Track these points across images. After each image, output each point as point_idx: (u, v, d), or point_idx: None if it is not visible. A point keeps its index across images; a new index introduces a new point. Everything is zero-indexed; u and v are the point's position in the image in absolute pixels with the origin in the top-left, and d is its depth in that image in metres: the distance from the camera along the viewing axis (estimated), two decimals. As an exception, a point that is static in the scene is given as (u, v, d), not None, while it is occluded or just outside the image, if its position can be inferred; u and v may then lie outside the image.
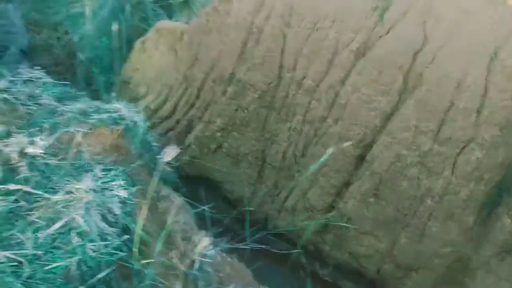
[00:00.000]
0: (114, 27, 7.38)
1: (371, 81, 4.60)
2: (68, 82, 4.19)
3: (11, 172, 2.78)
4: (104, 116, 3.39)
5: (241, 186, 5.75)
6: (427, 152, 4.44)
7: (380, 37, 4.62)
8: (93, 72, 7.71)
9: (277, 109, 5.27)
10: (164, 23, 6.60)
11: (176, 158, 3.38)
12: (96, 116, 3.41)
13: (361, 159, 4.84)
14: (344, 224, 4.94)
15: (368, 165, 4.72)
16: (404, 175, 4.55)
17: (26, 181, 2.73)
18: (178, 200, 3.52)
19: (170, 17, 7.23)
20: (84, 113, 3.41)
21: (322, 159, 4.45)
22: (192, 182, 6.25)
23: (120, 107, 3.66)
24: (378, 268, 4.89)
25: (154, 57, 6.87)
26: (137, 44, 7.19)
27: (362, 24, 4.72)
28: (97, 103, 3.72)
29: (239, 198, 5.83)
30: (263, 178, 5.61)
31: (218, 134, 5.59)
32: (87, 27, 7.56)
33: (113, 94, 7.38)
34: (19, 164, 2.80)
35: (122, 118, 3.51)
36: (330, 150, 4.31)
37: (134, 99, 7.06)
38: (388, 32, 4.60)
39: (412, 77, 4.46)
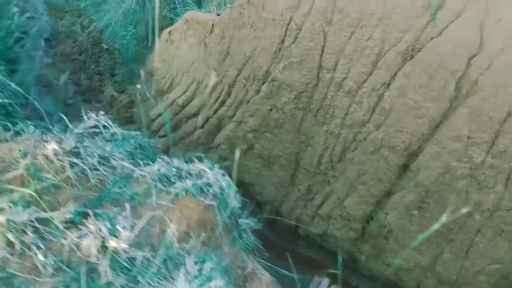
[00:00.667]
0: (140, 16, 7.11)
1: (420, 86, 4.27)
2: (138, 133, 3.63)
3: (91, 273, 2.27)
4: (188, 182, 2.94)
5: (272, 189, 5.51)
6: (479, 165, 4.12)
7: (432, 38, 4.26)
8: (117, 62, 7.45)
9: (314, 111, 4.97)
10: (194, 14, 6.29)
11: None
12: (178, 183, 2.95)
13: (404, 168, 4.54)
14: (384, 236, 4.67)
15: (412, 175, 4.43)
16: (453, 188, 4.25)
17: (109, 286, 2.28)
18: (266, 277, 3.04)
19: (199, 7, 6.89)
20: (165, 179, 2.99)
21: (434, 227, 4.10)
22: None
23: (203, 168, 3.15)
24: (418, 283, 4.64)
25: (181, 49, 6.59)
26: (164, 35, 6.91)
27: (411, 23, 4.36)
28: (176, 162, 3.23)
29: (269, 201, 5.60)
30: (295, 181, 5.36)
31: (250, 135, 5.32)
32: (112, 15, 7.26)
33: (138, 86, 7.16)
34: (100, 262, 2.29)
35: (207, 184, 3.05)
36: (443, 218, 3.98)
37: (159, 92, 6.83)
38: (440, 34, 4.24)
39: (466, 83, 4.12)
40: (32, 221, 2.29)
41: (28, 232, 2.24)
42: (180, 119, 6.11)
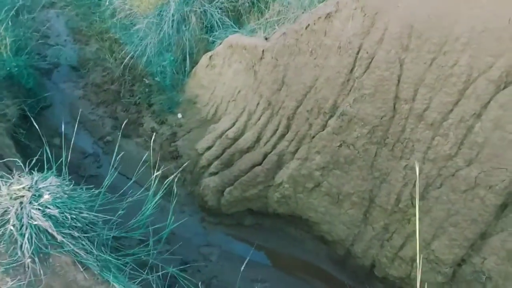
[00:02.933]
0: (175, 39, 6.66)
1: (521, 118, 3.76)
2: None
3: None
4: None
5: (342, 228, 5.07)
6: None
7: (532, 63, 3.75)
8: (153, 90, 7.01)
9: (390, 145, 4.49)
10: (238, 38, 5.82)
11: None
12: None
13: (503, 207, 4.05)
14: (481, 282, 4.20)
15: (514, 216, 3.94)
16: None
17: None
18: None
19: (238, 26, 6.41)
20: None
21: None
22: (281, 221, 5.61)
23: None
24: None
25: (225, 75, 6.13)
26: (204, 59, 6.47)
27: (505, 47, 3.84)
28: None
29: (340, 240, 5.16)
30: (369, 220, 4.90)
31: (317, 173, 4.87)
32: (143, 38, 6.81)
33: (179, 115, 6.74)
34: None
35: None
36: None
37: (202, 121, 6.39)
38: (543, 58, 3.72)
39: None
40: None
41: None
42: (233, 154, 5.67)
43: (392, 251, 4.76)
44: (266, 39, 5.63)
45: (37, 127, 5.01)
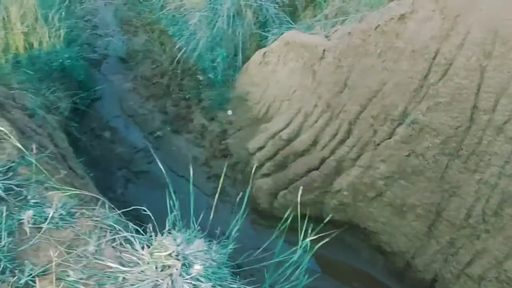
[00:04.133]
0: (228, 33, 6.48)
1: None
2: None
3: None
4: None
5: (404, 240, 4.83)
6: None
7: None
8: (202, 85, 6.87)
9: (464, 157, 4.21)
10: (296, 35, 5.58)
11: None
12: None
13: None
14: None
15: None
16: None
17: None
18: None
19: (294, 21, 6.16)
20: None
21: None
22: (337, 227, 5.40)
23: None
24: None
25: (280, 73, 5.92)
26: (257, 56, 6.26)
27: None
28: None
29: (400, 252, 4.92)
30: (434, 233, 4.65)
31: (381, 182, 4.63)
32: (194, 31, 6.65)
33: (229, 112, 6.58)
34: None
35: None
36: None
37: (253, 120, 6.21)
38: None
39: None
40: None
41: None
42: (286, 156, 5.48)
43: (458, 267, 4.51)
44: (327, 37, 5.38)
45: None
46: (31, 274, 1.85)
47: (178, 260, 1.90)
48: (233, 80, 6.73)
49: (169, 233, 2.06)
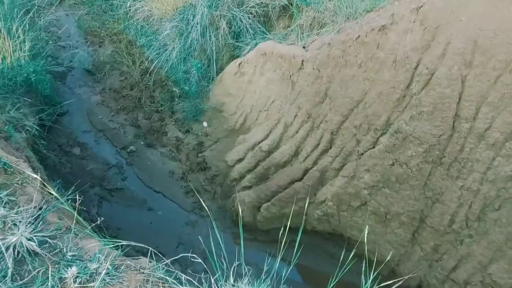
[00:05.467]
0: (201, 43, 6.37)
1: None
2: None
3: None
4: None
5: (388, 247, 4.87)
6: None
7: None
8: (175, 96, 6.72)
9: (446, 164, 4.30)
10: (272, 46, 5.55)
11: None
12: None
13: None
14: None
15: None
16: None
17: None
18: None
19: (268, 32, 6.13)
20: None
21: None
22: (318, 237, 5.40)
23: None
24: None
25: (256, 84, 5.87)
26: (232, 66, 6.18)
27: None
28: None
29: (384, 259, 4.94)
30: (418, 240, 4.72)
31: (365, 191, 4.65)
32: (168, 44, 6.50)
33: (204, 124, 6.47)
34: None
35: None
36: None
37: (230, 131, 6.12)
38: None
39: None
40: None
41: None
42: (268, 167, 5.42)
43: (443, 273, 4.58)
44: (304, 48, 5.37)
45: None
46: None
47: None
48: (207, 91, 6.61)
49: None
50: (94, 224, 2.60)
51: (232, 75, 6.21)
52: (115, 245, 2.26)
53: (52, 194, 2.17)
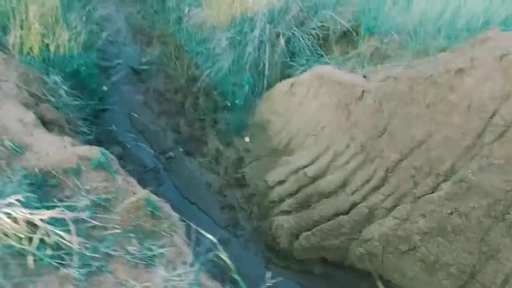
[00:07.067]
0: (253, 58, 6.24)
1: None
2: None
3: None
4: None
5: (430, 297, 4.63)
6: None
7: None
8: (219, 107, 6.59)
9: (509, 221, 4.07)
10: (331, 71, 5.40)
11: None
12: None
13: None
14: None
15: None
16: None
17: None
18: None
19: (326, 56, 5.99)
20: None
21: None
22: (355, 275, 5.18)
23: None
24: None
25: (307, 106, 5.71)
26: (284, 85, 6.04)
27: None
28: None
29: (424, 309, 4.71)
30: (464, 294, 4.46)
31: (417, 237, 4.44)
32: (220, 54, 6.38)
33: (246, 139, 6.31)
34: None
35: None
36: None
37: (273, 150, 5.96)
38: None
39: None
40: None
41: None
42: (311, 194, 5.24)
43: (488, 334, 4.32)
44: (365, 77, 5.21)
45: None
46: None
47: None
48: (253, 106, 6.47)
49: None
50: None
51: (282, 94, 6.07)
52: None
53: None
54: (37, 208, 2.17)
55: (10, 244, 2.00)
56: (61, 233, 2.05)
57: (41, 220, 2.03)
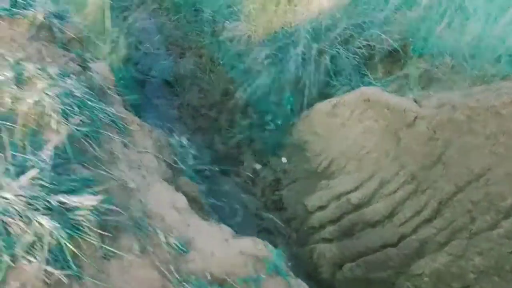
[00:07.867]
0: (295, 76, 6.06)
1: None
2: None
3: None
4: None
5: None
6: None
7: None
8: (255, 124, 6.40)
9: None
10: (378, 94, 5.19)
11: None
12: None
13: None
14: None
15: None
16: None
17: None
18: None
19: (371, 77, 5.78)
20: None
21: None
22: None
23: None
24: None
25: (351, 129, 5.50)
26: (325, 105, 5.85)
27: None
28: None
29: None
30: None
31: (472, 275, 4.19)
32: (258, 69, 6.21)
33: (283, 159, 6.12)
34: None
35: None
36: None
37: (311, 173, 5.75)
38: None
39: None
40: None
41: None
42: (355, 223, 5.02)
43: None
44: (415, 101, 4.99)
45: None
46: None
47: None
48: (291, 125, 6.28)
49: None
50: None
51: (323, 114, 5.88)
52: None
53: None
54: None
55: None
56: None
57: None
